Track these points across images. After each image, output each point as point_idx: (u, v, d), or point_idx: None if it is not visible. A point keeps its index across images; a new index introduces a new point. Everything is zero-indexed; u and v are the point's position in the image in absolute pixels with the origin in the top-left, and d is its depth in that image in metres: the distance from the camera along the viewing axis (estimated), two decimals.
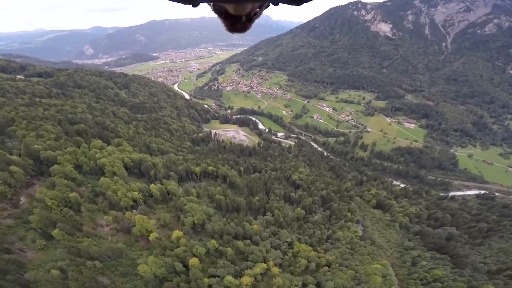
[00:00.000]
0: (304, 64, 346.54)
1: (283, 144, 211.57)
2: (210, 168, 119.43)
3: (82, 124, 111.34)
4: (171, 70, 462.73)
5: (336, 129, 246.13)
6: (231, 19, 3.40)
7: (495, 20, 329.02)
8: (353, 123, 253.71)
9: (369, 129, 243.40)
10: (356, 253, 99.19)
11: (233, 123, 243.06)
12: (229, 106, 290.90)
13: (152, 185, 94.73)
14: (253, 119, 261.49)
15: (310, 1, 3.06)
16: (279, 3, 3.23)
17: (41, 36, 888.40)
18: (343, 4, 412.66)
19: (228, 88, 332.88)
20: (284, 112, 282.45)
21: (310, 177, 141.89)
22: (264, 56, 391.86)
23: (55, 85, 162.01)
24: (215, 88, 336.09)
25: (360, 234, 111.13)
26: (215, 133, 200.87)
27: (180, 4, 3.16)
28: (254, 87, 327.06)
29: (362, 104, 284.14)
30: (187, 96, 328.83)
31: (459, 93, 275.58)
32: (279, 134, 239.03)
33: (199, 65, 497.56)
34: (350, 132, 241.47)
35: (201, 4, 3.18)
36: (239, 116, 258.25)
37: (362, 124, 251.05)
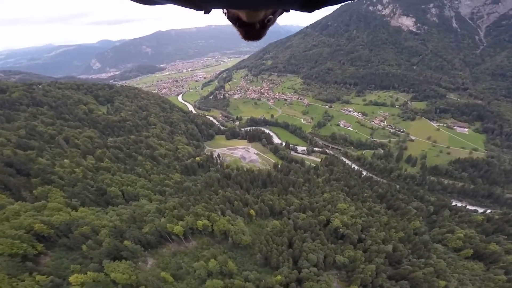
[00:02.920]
0: (320, 65, 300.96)
1: (307, 162, 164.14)
2: (201, 222, 72.86)
3: None
4: (176, 81, 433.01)
5: (371, 138, 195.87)
6: (246, 27, 3.38)
7: None
8: (391, 130, 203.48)
9: (412, 137, 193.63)
10: None
11: (242, 138, 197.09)
12: (237, 117, 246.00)
13: (75, 277, 48.87)
14: (266, 131, 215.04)
15: (322, 8, 3.02)
16: (290, 10, 3.21)
17: (49, 52, 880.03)
18: (355, 0, 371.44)
19: (236, 96, 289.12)
20: (302, 120, 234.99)
21: (357, 219, 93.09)
22: (273, 59, 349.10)
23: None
24: (221, 96, 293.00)
25: None
26: (218, 154, 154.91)
27: (192, 10, 3.12)
28: (265, 93, 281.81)
29: (397, 106, 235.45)
30: (191, 108, 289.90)
31: (511, 90, 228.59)
32: (300, 149, 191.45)
33: (205, 73, 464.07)
34: (389, 142, 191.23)
35: (213, 10, 3.15)
36: (249, 129, 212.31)
37: (403, 131, 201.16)
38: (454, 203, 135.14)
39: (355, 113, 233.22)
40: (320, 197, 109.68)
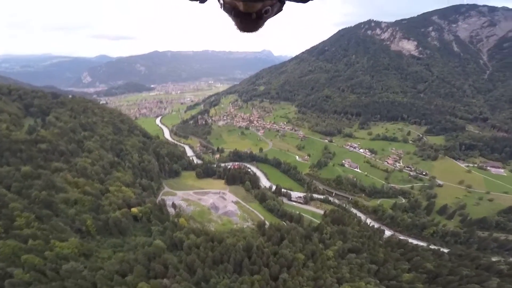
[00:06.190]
0: (317, 92, 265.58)
1: (306, 216, 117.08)
2: None
3: None
4: (161, 102, 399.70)
5: (388, 184, 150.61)
6: (241, 17, 3.24)
7: None
8: (411, 173, 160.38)
9: (439, 182, 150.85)
10: None
11: (219, 178, 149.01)
12: (218, 148, 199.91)
13: None
14: (252, 169, 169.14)
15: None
16: (286, 1, 3.20)
17: (45, 61, 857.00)
18: (352, 25, 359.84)
19: (221, 123, 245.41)
20: (297, 157, 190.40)
21: None
22: (266, 85, 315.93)
23: None
24: (203, 122, 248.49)
25: None
26: (173, 203, 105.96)
27: (187, 1, 3.13)
28: (255, 122, 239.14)
29: (411, 142, 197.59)
30: (167, 132, 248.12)
31: None
32: (295, 195, 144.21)
33: (194, 97, 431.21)
34: (412, 188, 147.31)
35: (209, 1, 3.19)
36: (230, 166, 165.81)
37: (425, 174, 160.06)
38: None
39: (361, 150, 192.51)
40: None
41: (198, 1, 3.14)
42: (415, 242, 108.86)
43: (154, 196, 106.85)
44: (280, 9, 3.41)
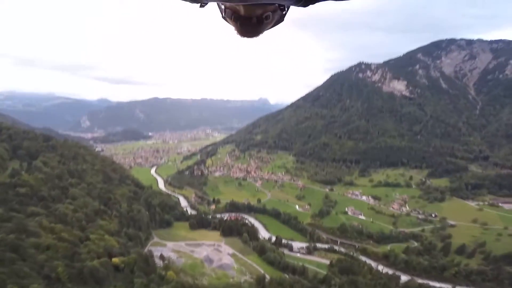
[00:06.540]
0: (314, 140, 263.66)
1: (310, 267, 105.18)
2: None
3: None
4: (157, 151, 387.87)
5: (396, 229, 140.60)
6: (241, 20, 3.14)
7: (511, 61, 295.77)
8: (419, 216, 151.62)
9: (451, 222, 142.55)
10: None
11: (214, 229, 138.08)
12: (214, 199, 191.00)
13: None
14: (250, 220, 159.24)
15: (316, 3, 2.94)
16: (287, 5, 3.12)
17: (47, 101, 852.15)
18: (344, 69, 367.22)
19: (217, 174, 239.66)
20: (297, 207, 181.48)
21: None
22: (263, 134, 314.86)
23: None
24: (199, 173, 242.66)
25: None
26: (162, 254, 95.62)
27: (187, 3, 3.03)
28: (252, 172, 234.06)
29: (414, 186, 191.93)
30: (161, 183, 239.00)
31: None
32: (297, 246, 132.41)
33: (191, 146, 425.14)
34: (423, 230, 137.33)
35: (208, 7, 3.12)
36: (226, 217, 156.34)
37: (435, 216, 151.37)
38: None
39: (364, 197, 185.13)
40: None
41: (199, 5, 3.06)
42: (437, 285, 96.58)
43: (141, 247, 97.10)
44: (281, 19, 3.34)
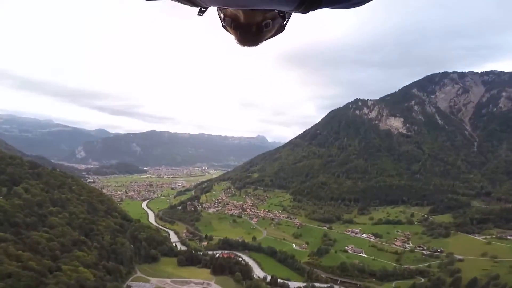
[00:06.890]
0: (312, 179, 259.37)
1: None
2: None
3: None
4: (151, 185, 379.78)
5: (400, 265, 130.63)
6: (241, 29, 3.11)
7: (504, 93, 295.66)
8: (424, 252, 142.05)
9: (459, 256, 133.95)
10: None
11: (204, 267, 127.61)
12: (206, 236, 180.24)
13: None
14: (244, 258, 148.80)
15: (316, 10, 2.89)
16: (287, 13, 3.11)
17: (44, 128, 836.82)
18: (341, 106, 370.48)
19: (211, 210, 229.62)
20: (294, 245, 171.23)
21: None
22: (260, 172, 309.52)
23: None
24: (192, 208, 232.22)
25: None
26: None
27: (188, 6, 3.01)
28: (248, 210, 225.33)
29: (416, 223, 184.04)
30: (152, 217, 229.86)
31: None
32: (293, 285, 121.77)
33: (186, 182, 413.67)
34: (430, 266, 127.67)
35: (209, 9, 3.09)
36: (217, 254, 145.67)
37: (440, 251, 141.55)
38: None
39: (364, 235, 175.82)
40: None
41: (198, 11, 3.01)
42: None
43: (121, 281, 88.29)
44: (281, 29, 3.29)
